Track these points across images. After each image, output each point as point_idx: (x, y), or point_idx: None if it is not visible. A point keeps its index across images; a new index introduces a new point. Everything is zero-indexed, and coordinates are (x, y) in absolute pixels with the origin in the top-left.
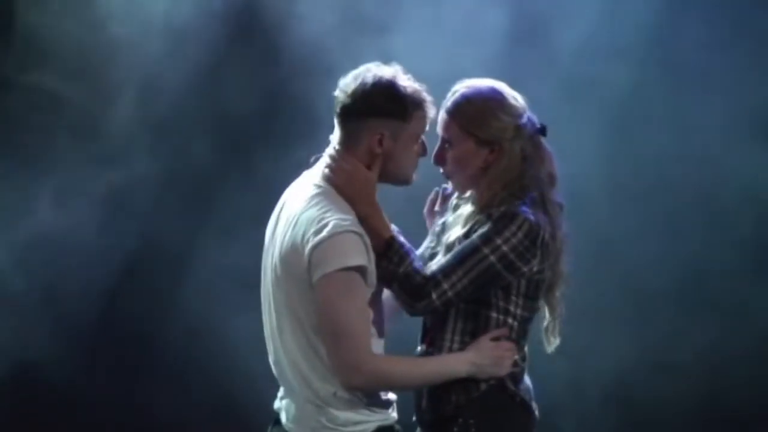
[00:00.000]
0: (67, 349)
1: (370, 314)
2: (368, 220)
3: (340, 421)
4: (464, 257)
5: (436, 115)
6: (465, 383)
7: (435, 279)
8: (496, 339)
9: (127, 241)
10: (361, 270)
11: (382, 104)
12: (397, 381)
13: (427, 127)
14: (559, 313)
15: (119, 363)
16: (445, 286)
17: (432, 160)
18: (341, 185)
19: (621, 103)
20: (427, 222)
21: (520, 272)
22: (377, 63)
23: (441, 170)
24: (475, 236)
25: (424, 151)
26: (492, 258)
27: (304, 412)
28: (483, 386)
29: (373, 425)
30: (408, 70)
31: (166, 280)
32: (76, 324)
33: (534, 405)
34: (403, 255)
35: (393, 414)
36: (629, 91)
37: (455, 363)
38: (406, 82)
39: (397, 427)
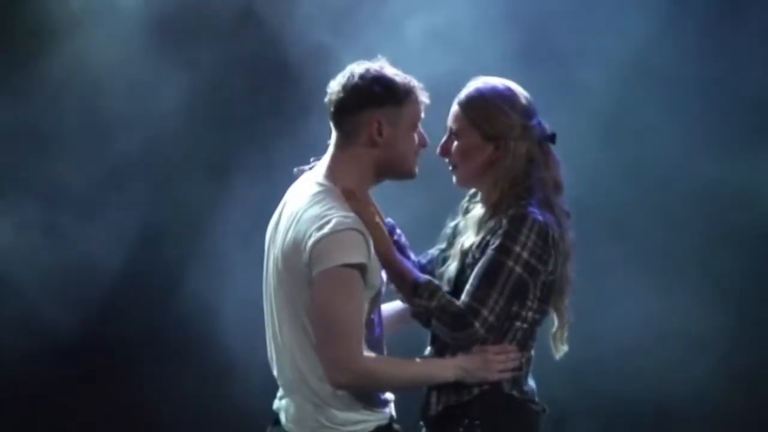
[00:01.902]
0: (65, 348)
1: (369, 315)
2: (389, 267)
3: (339, 420)
4: (493, 277)
5: (430, 104)
6: (457, 386)
7: (472, 308)
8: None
9: (125, 242)
10: (360, 268)
11: (374, 92)
12: (384, 382)
13: (423, 115)
14: (567, 320)
15: (118, 363)
16: (485, 312)
17: (438, 151)
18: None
19: (609, 108)
20: None
21: (539, 274)
22: (361, 61)
23: (447, 161)
24: (492, 251)
25: (423, 142)
26: (518, 269)
27: (303, 411)
28: (475, 390)
29: (373, 425)
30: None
31: (166, 278)
32: (74, 325)
33: (539, 405)
34: (433, 289)
35: (391, 413)
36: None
37: (443, 367)
38: (394, 70)
39: (396, 426)
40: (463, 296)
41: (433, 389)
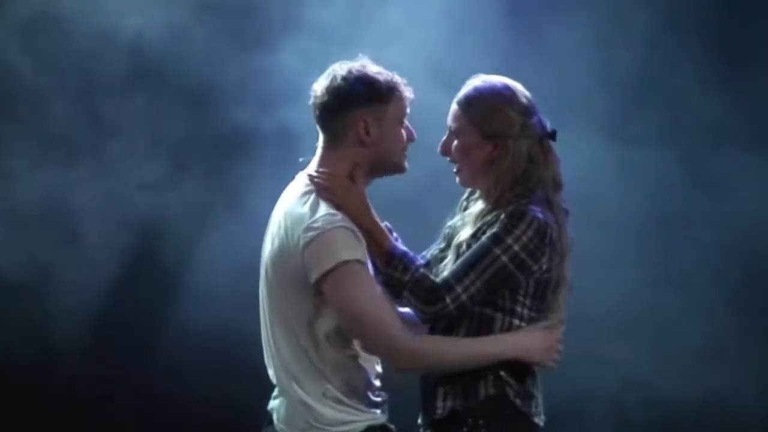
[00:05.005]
0: (67, 342)
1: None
2: (368, 233)
3: (328, 420)
4: (476, 260)
5: (414, 96)
6: (465, 390)
7: (447, 283)
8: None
9: (129, 235)
10: (359, 263)
11: (358, 92)
12: (439, 359)
13: (408, 110)
14: (560, 319)
15: (118, 358)
16: (459, 289)
17: (438, 150)
18: (334, 202)
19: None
20: None
21: (531, 271)
22: (343, 62)
23: (448, 160)
24: (484, 238)
25: (411, 136)
26: (504, 258)
27: (294, 412)
28: (482, 395)
29: (363, 425)
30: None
31: (169, 271)
32: (77, 318)
33: (541, 417)
34: (407, 262)
35: (383, 414)
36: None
37: (504, 345)
38: (376, 68)
39: (389, 425)
40: (444, 273)
41: (439, 393)
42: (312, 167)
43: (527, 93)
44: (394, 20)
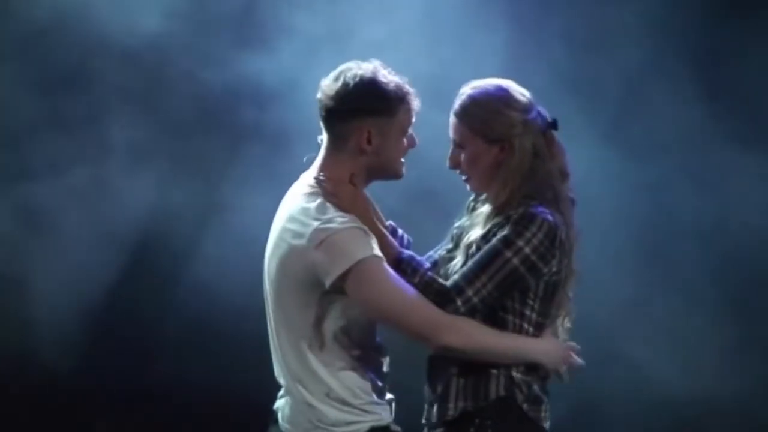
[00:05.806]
0: (68, 338)
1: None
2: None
3: (332, 421)
4: (487, 262)
5: (420, 106)
6: (475, 391)
7: (458, 286)
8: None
9: (129, 232)
10: (375, 257)
11: (366, 103)
12: (482, 342)
13: (414, 119)
14: (568, 312)
15: (120, 353)
16: (470, 292)
17: (447, 164)
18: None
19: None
20: None
21: (541, 273)
22: (356, 61)
23: (458, 172)
24: (495, 240)
25: (412, 143)
26: (515, 261)
27: (298, 412)
28: (492, 395)
29: (366, 425)
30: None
31: (170, 268)
32: (75, 318)
33: (547, 417)
34: (415, 266)
35: (388, 415)
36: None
37: (530, 348)
38: (388, 76)
39: (394, 427)
40: (454, 275)
41: (452, 393)
42: (314, 169)
43: (522, 89)
44: (377, 31)
